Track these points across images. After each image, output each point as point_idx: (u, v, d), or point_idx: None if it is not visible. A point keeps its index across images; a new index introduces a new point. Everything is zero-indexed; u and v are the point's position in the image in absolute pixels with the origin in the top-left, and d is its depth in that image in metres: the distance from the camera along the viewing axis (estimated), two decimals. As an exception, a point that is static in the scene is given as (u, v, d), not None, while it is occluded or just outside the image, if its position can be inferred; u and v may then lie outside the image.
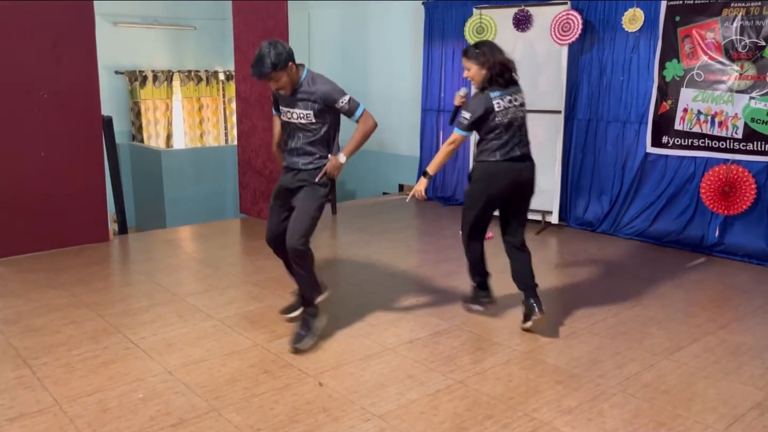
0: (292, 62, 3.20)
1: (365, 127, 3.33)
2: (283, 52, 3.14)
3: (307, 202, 3.34)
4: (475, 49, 3.60)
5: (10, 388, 2.99)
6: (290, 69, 3.21)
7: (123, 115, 9.28)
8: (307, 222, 3.30)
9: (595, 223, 6.02)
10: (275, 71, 3.15)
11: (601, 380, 3.11)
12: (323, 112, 3.30)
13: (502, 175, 3.63)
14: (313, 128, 3.33)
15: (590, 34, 5.84)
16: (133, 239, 6.14)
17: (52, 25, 4.93)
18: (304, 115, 3.30)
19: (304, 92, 3.28)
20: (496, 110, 3.53)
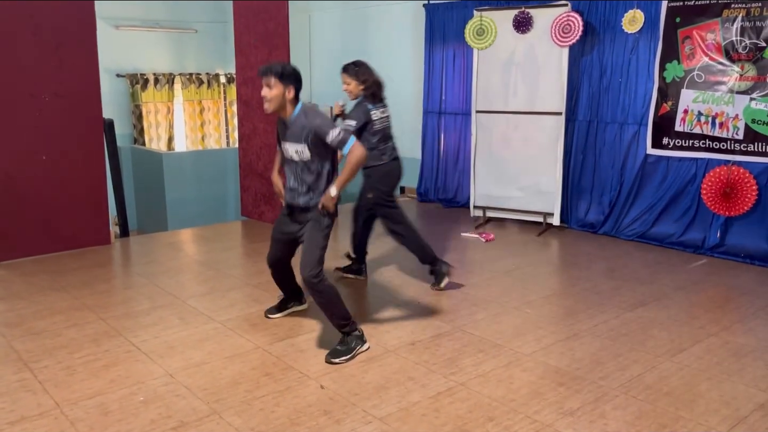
0: (293, 87, 3.24)
1: (352, 159, 3.25)
2: (293, 73, 3.25)
3: (313, 234, 3.36)
4: (355, 67, 4.21)
5: (11, 391, 2.99)
6: (287, 90, 3.23)
7: (125, 118, 9.29)
8: (316, 253, 3.31)
9: (596, 224, 6.02)
10: (276, 76, 3.19)
11: (603, 382, 3.11)
12: (317, 147, 3.28)
13: (394, 172, 4.43)
14: (312, 166, 3.33)
15: (591, 35, 5.84)
16: (135, 242, 6.14)
17: (54, 28, 4.94)
18: (299, 150, 3.30)
19: (297, 125, 3.28)
20: (374, 119, 4.22)
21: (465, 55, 6.81)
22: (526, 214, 6.22)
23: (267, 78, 3.21)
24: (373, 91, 4.22)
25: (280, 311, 3.93)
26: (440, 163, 7.28)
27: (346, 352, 3.34)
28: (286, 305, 3.95)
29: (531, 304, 4.16)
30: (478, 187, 6.40)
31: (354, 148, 3.25)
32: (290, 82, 3.24)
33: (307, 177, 3.36)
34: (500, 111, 6.18)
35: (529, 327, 3.79)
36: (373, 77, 4.24)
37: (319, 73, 8.86)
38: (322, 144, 3.28)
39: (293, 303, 3.97)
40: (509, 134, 6.16)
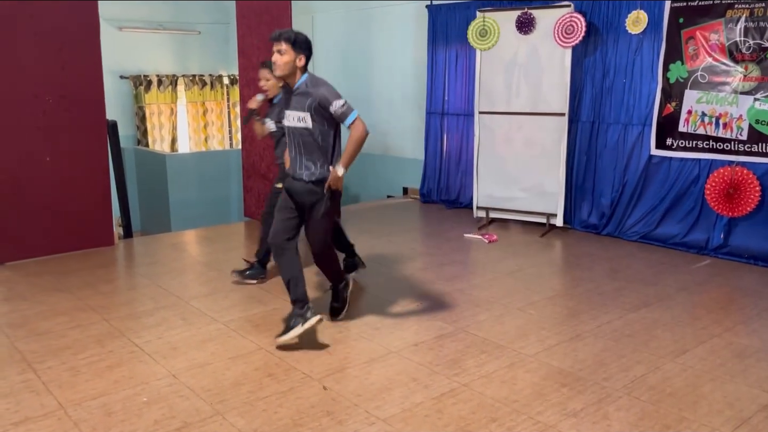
0: (304, 56, 3.30)
1: (355, 135, 3.31)
2: (305, 42, 3.31)
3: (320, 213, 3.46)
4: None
5: (15, 392, 3.00)
6: (298, 58, 3.29)
7: (128, 120, 9.33)
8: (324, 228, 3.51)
9: (599, 225, 6.01)
10: (288, 42, 3.25)
11: (606, 383, 3.10)
12: (320, 116, 3.32)
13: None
14: (312, 134, 3.36)
15: (594, 36, 5.84)
16: (138, 243, 6.15)
17: (58, 29, 4.96)
18: (301, 117, 3.33)
19: (301, 92, 3.34)
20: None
21: (468, 56, 6.81)
22: (529, 215, 6.22)
23: (278, 44, 3.26)
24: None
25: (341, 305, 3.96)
26: (443, 164, 7.28)
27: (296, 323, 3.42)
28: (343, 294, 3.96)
29: (534, 305, 4.16)
30: (481, 188, 6.40)
31: (357, 123, 3.28)
32: (302, 50, 3.29)
33: (308, 150, 3.38)
34: (503, 112, 6.18)
35: (532, 328, 3.79)
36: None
37: (321, 74, 8.82)
38: (325, 114, 3.31)
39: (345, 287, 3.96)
40: (512, 135, 6.16)
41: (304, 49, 3.32)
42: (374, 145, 8.13)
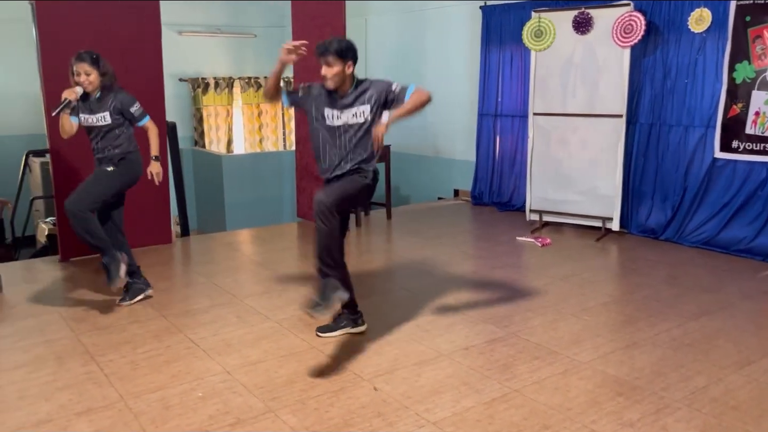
0: (352, 63, 3.28)
1: (419, 96, 3.26)
2: (352, 49, 3.28)
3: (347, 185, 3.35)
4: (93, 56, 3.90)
5: (79, 382, 3.12)
6: (347, 66, 3.28)
7: (186, 121, 9.58)
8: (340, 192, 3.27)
9: (657, 230, 5.83)
10: (335, 55, 3.23)
11: (664, 393, 3.01)
12: (377, 106, 3.33)
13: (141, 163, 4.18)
14: (365, 127, 3.35)
15: (654, 35, 5.67)
16: (195, 241, 6.31)
17: (121, 34, 5.14)
18: (360, 112, 3.33)
19: (360, 92, 3.34)
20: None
21: (522, 57, 6.72)
22: (584, 219, 6.09)
23: (325, 57, 3.24)
24: (113, 81, 3.99)
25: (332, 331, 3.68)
26: (495, 166, 7.21)
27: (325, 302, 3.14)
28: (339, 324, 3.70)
29: (589, 311, 4.07)
30: (535, 190, 6.30)
31: (420, 88, 3.28)
32: (349, 57, 3.27)
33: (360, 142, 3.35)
34: (558, 113, 6.07)
35: (586, 334, 3.70)
36: (110, 68, 3.98)
37: (374, 75, 8.88)
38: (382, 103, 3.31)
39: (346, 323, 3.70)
40: (567, 137, 6.05)
41: (351, 55, 3.29)
42: (425, 146, 8.12)
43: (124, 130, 4.04)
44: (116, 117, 3.98)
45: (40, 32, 4.86)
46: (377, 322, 3.89)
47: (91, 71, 3.87)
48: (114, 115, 3.97)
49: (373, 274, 4.92)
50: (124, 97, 3.99)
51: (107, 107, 3.95)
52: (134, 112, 4.01)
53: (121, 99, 3.97)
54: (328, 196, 3.19)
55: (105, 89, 3.95)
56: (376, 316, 3.98)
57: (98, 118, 3.96)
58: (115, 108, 3.96)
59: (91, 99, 3.96)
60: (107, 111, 3.95)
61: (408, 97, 3.30)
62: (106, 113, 3.95)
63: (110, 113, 3.95)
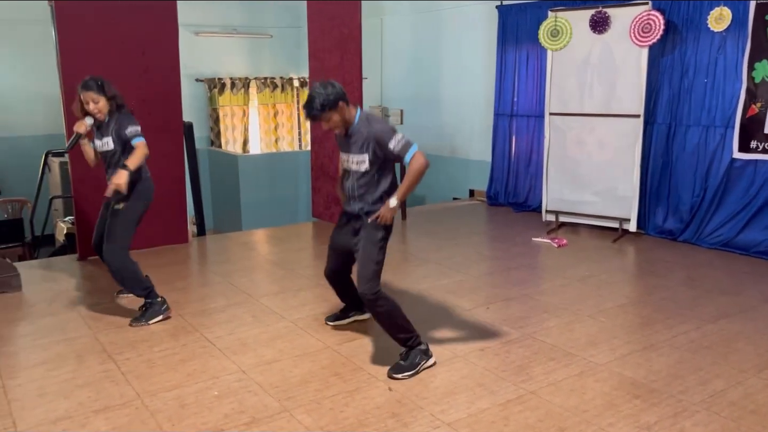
0: (342, 102, 3.14)
1: (415, 168, 3.14)
2: (332, 93, 3.10)
3: (367, 247, 3.24)
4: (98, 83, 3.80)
5: (96, 380, 3.15)
6: (341, 109, 3.14)
7: (203, 121, 9.64)
8: (371, 267, 3.20)
9: (675, 231, 5.77)
10: (323, 112, 3.10)
11: (682, 396, 2.98)
12: (378, 156, 3.18)
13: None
14: (369, 174, 3.23)
15: (672, 34, 5.62)
16: (211, 241, 6.35)
17: (140, 35, 5.18)
18: (360, 160, 3.21)
19: (359, 134, 3.20)
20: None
21: (538, 57, 6.68)
22: (601, 220, 6.04)
23: (318, 119, 3.14)
24: (120, 102, 3.87)
25: (340, 320, 3.84)
26: (511, 166, 7.18)
27: (410, 368, 3.19)
28: (348, 314, 3.85)
29: (605, 313, 4.04)
30: (551, 190, 6.26)
31: (417, 157, 3.12)
32: (337, 104, 3.12)
33: (363, 183, 3.25)
34: (575, 113, 6.03)
35: (603, 336, 3.67)
36: (116, 91, 3.88)
37: (390, 75, 8.90)
38: (383, 152, 3.16)
39: (354, 312, 3.85)
40: (584, 137, 6.00)
41: (340, 97, 3.12)
42: (441, 146, 8.10)
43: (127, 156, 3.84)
44: (117, 141, 3.84)
45: (59, 33, 4.92)
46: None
47: (98, 98, 3.78)
48: (115, 139, 3.84)
49: (388, 275, 4.91)
50: (123, 118, 3.84)
51: (110, 132, 3.85)
52: (129, 133, 3.80)
53: (120, 121, 3.82)
54: (364, 282, 3.16)
55: (110, 113, 3.85)
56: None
57: (103, 143, 3.87)
58: (116, 131, 3.84)
59: (102, 124, 3.87)
60: (110, 136, 3.85)
61: (408, 159, 3.13)
62: (109, 138, 3.85)
63: (112, 138, 3.84)
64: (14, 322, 3.94)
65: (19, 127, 8.51)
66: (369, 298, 3.15)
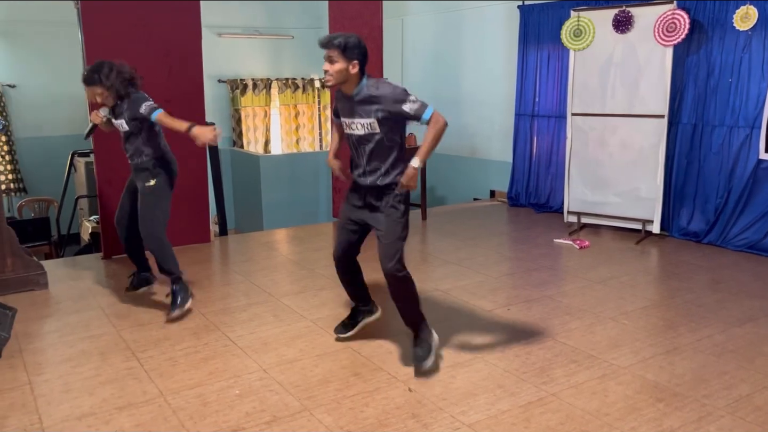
0: (357, 60, 2.96)
1: (436, 127, 2.98)
2: (356, 44, 2.96)
3: (391, 226, 3.11)
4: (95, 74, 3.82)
5: (120, 378, 3.19)
6: (351, 64, 2.96)
7: (225, 122, 9.72)
8: (397, 244, 3.10)
9: (700, 233, 5.69)
10: (338, 49, 2.93)
11: (706, 400, 2.94)
12: (387, 119, 3.02)
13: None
14: (381, 142, 3.07)
15: (697, 33, 5.54)
16: (233, 240, 6.40)
17: (164, 36, 5.24)
18: (367, 124, 3.04)
19: (366, 96, 3.02)
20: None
21: (560, 57, 6.64)
22: (624, 221, 5.98)
23: (329, 50, 2.95)
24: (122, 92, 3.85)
25: (350, 329, 3.60)
26: (532, 167, 7.14)
27: (428, 351, 3.18)
28: (356, 320, 3.61)
29: (628, 315, 4.00)
30: (573, 191, 6.22)
31: (436, 116, 2.97)
32: (354, 56, 2.95)
33: (375, 154, 3.08)
34: (597, 114, 5.98)
35: (625, 339, 3.64)
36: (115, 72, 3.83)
37: (410, 75, 8.90)
38: (393, 116, 3.01)
39: (363, 316, 3.61)
40: (606, 137, 5.95)
41: (357, 54, 2.95)
42: (461, 146, 8.08)
43: (146, 135, 3.95)
44: (132, 122, 3.91)
45: (85, 34, 4.99)
46: (412, 323, 3.89)
47: (101, 90, 3.84)
48: (129, 121, 3.90)
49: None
50: (135, 98, 3.86)
51: (122, 114, 3.92)
52: (144, 111, 3.82)
53: (131, 106, 3.86)
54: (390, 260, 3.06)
55: (121, 96, 3.89)
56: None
57: (119, 125, 3.97)
58: (129, 114, 3.89)
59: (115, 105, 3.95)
60: (123, 118, 3.92)
61: (426, 118, 2.99)
62: (122, 120, 3.92)
63: (126, 120, 3.91)
64: (41, 319, 4.01)
65: (45, 127, 8.67)
66: (397, 276, 3.07)
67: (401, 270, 3.11)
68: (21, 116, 8.60)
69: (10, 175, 8.62)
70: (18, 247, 4.50)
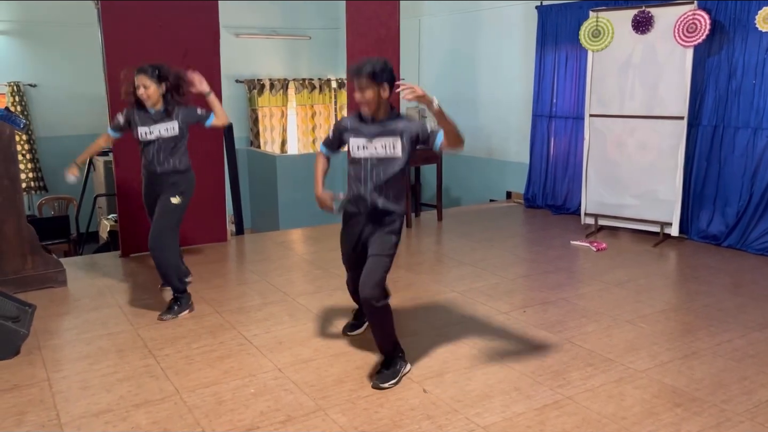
0: (387, 84, 3.00)
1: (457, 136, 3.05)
2: (386, 69, 3.00)
3: (382, 250, 3.08)
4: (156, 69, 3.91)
5: (137, 375, 3.22)
6: (382, 90, 3.00)
7: (242, 122, 9.78)
8: (381, 273, 3.03)
9: (719, 236, 5.62)
10: (369, 78, 2.97)
11: (726, 406, 2.89)
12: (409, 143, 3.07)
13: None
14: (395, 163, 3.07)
15: (719, 34, 5.47)
16: (249, 240, 6.43)
17: (183, 36, 5.28)
18: (391, 143, 3.05)
19: (395, 123, 3.07)
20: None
21: (578, 58, 6.59)
22: (642, 224, 5.92)
23: (358, 80, 3.00)
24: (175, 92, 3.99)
25: (358, 327, 3.70)
26: (549, 168, 7.09)
27: (393, 375, 3.11)
28: (364, 320, 3.69)
29: (645, 319, 3.95)
30: (590, 193, 6.17)
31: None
32: (383, 79, 2.98)
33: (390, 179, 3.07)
34: (615, 115, 5.92)
35: (643, 342, 3.60)
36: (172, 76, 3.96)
37: (427, 76, 8.88)
38: (414, 140, 3.07)
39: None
40: (624, 139, 5.89)
41: (386, 77, 2.99)
42: (478, 147, 8.05)
43: (184, 143, 4.06)
44: (183, 127, 4.00)
45: (104, 34, 5.04)
46: (426, 324, 3.88)
47: (149, 84, 3.88)
48: (181, 126, 3.98)
49: (423, 276, 4.91)
50: (188, 108, 4.04)
51: (174, 117, 3.96)
52: (201, 114, 4.06)
53: (186, 109, 4.02)
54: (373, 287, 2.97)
55: (169, 100, 3.96)
56: (424, 318, 3.98)
57: (166, 129, 3.94)
58: (184, 118, 3.99)
59: (153, 112, 3.96)
60: (176, 121, 3.96)
61: (439, 142, 3.03)
62: (175, 123, 3.96)
63: (179, 124, 3.97)
64: (60, 316, 4.06)
65: (65, 126, 8.77)
66: (375, 306, 2.97)
67: (380, 299, 2.99)
68: (41, 115, 8.71)
69: (31, 174, 8.74)
70: (38, 244, 4.56)
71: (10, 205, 4.37)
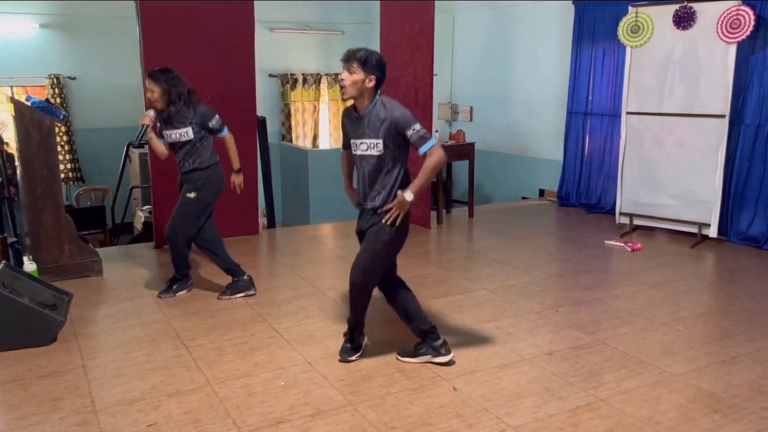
0: (374, 76, 3.00)
1: (432, 161, 2.95)
2: (377, 60, 3.02)
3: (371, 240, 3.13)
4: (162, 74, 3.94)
5: (170, 365, 3.26)
6: (368, 78, 3.00)
7: (275, 116, 9.84)
8: (368, 259, 3.13)
9: (761, 239, 5.47)
10: (358, 62, 2.99)
11: (765, 413, 2.81)
12: (394, 143, 3.03)
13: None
14: (384, 164, 3.07)
15: (763, 31, 5.31)
16: (280, 233, 6.47)
17: (219, 31, 5.33)
18: (373, 144, 3.05)
19: (374, 117, 3.04)
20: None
21: (615, 54, 6.47)
22: (679, 224, 5.79)
23: (349, 63, 3.01)
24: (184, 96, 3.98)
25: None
26: (584, 166, 6.98)
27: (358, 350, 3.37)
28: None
29: (682, 322, 3.86)
30: (626, 192, 6.05)
31: (434, 150, 2.95)
32: (372, 72, 2.99)
33: (374, 171, 3.09)
34: (654, 113, 5.80)
35: (679, 345, 3.52)
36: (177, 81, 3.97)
37: (460, 72, 8.82)
38: (399, 140, 3.02)
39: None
40: (663, 137, 5.76)
41: (376, 70, 3.00)
42: (511, 144, 7.97)
43: (204, 144, 4.06)
44: (197, 131, 4.01)
45: (142, 29, 5.11)
46: (457, 322, 3.86)
47: (154, 88, 3.92)
48: (195, 129, 4.00)
49: (454, 273, 4.88)
50: (203, 110, 4.03)
51: (188, 122, 3.99)
52: (213, 125, 4.05)
53: (201, 113, 4.01)
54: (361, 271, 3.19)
55: (181, 104, 3.96)
56: (455, 316, 3.95)
57: (181, 134, 4.00)
58: (198, 123, 4.00)
59: (172, 115, 3.99)
60: (189, 126, 3.99)
61: (424, 150, 2.96)
62: (188, 128, 3.99)
63: (192, 128, 4.00)
64: (96, 305, 4.13)
65: (103, 119, 8.94)
66: (358, 286, 3.20)
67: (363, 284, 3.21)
68: (80, 108, 8.89)
69: (69, 165, 8.92)
70: (75, 234, 4.65)
71: (49, 195, 4.46)
